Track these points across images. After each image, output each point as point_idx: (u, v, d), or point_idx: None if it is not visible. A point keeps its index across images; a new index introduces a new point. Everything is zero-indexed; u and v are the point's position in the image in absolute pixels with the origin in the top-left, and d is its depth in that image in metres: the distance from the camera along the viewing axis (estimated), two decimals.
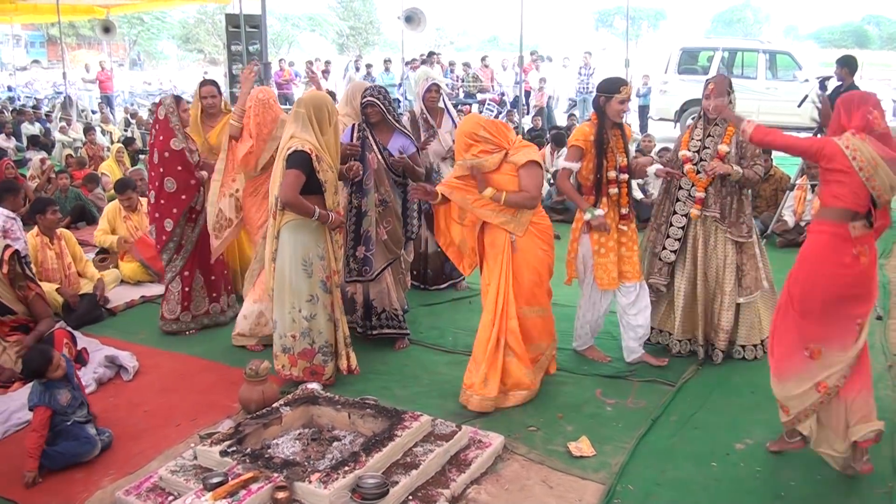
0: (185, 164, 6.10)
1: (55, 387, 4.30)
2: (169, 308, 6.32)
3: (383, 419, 4.25)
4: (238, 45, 16.33)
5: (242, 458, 3.83)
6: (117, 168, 11.47)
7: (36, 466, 4.18)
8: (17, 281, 5.56)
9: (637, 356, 5.45)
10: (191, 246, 6.23)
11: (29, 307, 5.64)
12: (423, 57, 21.71)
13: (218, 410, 4.92)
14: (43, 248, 6.87)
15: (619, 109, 5.12)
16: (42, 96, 27.68)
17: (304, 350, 5.03)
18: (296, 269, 4.94)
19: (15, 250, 5.60)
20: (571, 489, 3.98)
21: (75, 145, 14.46)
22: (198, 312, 6.37)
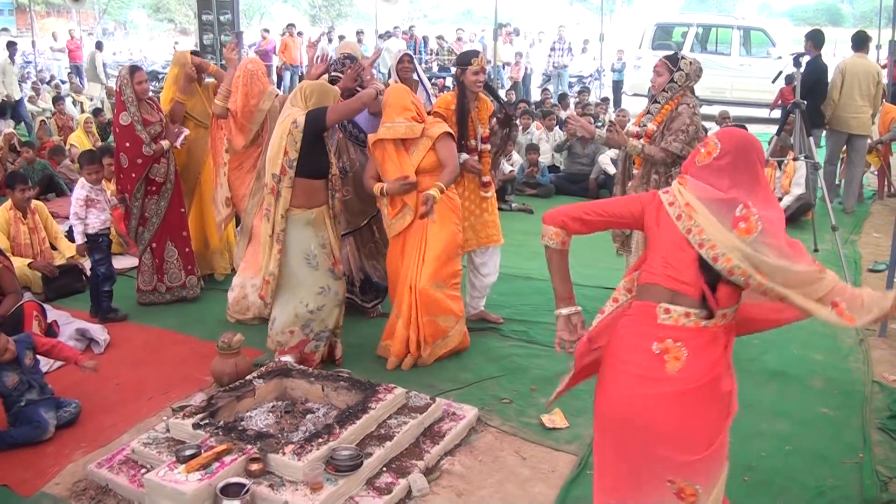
0: (134, 139, 5.95)
1: (1, 369, 4.25)
2: (144, 280, 6.28)
3: (357, 392, 4.25)
4: (209, 14, 16.13)
5: (215, 430, 3.82)
6: (86, 139, 11.26)
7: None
8: None
9: (477, 312, 5.75)
10: (157, 219, 6.15)
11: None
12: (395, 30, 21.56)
13: (190, 383, 4.89)
14: (16, 223, 6.74)
15: (473, 80, 5.26)
16: None
17: (300, 342, 4.92)
18: (300, 264, 4.82)
19: None
20: (544, 460, 4.01)
21: (45, 115, 14.18)
22: (173, 284, 6.31)
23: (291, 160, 4.66)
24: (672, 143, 4.91)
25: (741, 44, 16.96)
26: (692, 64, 4.96)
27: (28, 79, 20.58)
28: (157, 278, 6.26)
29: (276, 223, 4.75)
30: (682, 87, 4.95)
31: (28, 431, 4.25)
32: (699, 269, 2.60)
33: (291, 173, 4.68)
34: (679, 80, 4.94)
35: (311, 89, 4.81)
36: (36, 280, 6.53)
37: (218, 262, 6.85)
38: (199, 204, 6.69)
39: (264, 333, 5.38)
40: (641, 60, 17.51)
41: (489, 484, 3.80)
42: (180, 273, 6.31)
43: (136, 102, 5.97)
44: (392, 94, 5.02)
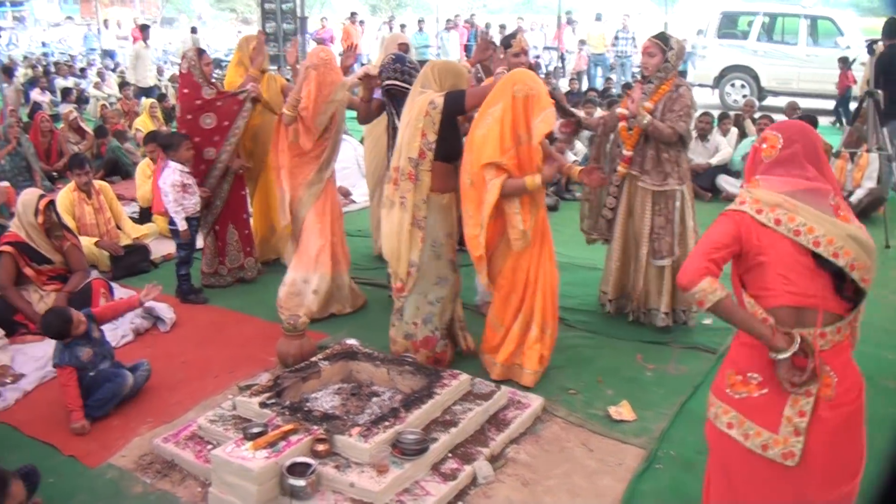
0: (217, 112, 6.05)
1: (76, 344, 4.33)
2: (206, 261, 6.36)
3: (422, 376, 4.22)
4: (272, 2, 16.23)
5: (282, 410, 3.82)
6: (151, 123, 11.43)
7: (82, 416, 4.22)
8: (52, 231, 5.60)
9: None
10: (220, 202, 6.22)
11: (65, 257, 5.68)
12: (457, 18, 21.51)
13: (255, 363, 4.93)
14: (80, 204, 6.87)
15: (515, 62, 5.16)
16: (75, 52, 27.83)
17: (427, 338, 4.73)
18: (427, 252, 4.61)
19: (50, 200, 5.64)
20: (612, 453, 3.93)
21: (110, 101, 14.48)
22: (233, 265, 6.38)
23: (430, 143, 4.46)
24: (679, 123, 4.98)
25: (808, 33, 16.48)
26: (679, 43, 5.10)
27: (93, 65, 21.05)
28: (219, 261, 6.33)
29: (416, 209, 4.53)
30: (674, 66, 5.06)
31: (110, 387, 4.34)
32: (821, 275, 2.42)
33: (430, 156, 4.47)
34: (672, 60, 5.04)
35: (445, 70, 4.64)
36: (103, 259, 6.66)
37: (284, 247, 6.81)
38: (265, 188, 6.71)
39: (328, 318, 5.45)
40: (707, 50, 17.15)
41: (555, 474, 3.74)
42: (239, 255, 6.39)
43: (206, 82, 6.06)
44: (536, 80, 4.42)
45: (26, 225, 5.52)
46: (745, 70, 16.57)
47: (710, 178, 9.46)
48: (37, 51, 29.18)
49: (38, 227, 5.51)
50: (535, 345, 4.57)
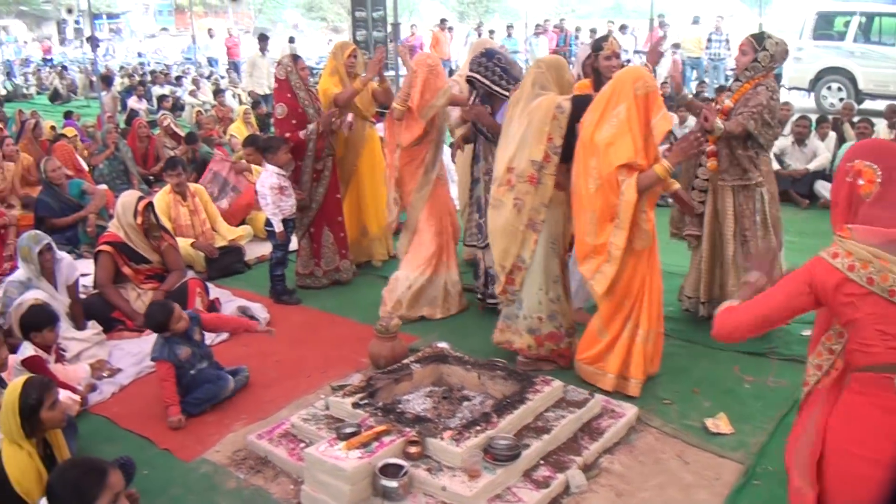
0: (302, 124, 6.16)
1: (175, 342, 4.45)
2: (302, 263, 6.47)
3: (514, 382, 4.19)
4: (362, 10, 16.46)
5: (375, 411, 3.85)
6: (245, 129, 11.72)
7: (179, 411, 4.34)
8: (151, 231, 5.81)
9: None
10: (316, 205, 6.31)
11: (162, 257, 5.89)
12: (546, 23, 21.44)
13: (347, 364, 4.99)
14: (175, 205, 7.11)
15: (606, 65, 5.11)
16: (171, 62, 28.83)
17: (552, 333, 4.74)
18: (546, 249, 4.64)
19: (149, 202, 5.84)
20: (708, 466, 3.82)
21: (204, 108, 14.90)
22: (328, 268, 6.47)
23: (556, 147, 4.45)
24: (748, 118, 4.87)
25: None
26: (778, 45, 4.95)
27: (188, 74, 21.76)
28: (315, 262, 6.43)
29: (535, 212, 4.54)
30: (764, 67, 4.96)
31: (211, 388, 4.47)
32: None
33: (556, 160, 4.46)
34: (762, 61, 4.94)
35: (556, 66, 4.71)
36: (199, 259, 6.85)
37: (376, 249, 6.96)
38: (356, 192, 6.80)
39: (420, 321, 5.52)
40: (802, 52, 16.58)
41: (650, 486, 3.66)
42: (335, 257, 6.46)
43: (304, 88, 6.16)
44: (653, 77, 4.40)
45: (125, 226, 5.73)
46: (842, 72, 15.98)
47: (807, 184, 9.14)
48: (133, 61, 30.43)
49: (136, 227, 5.71)
50: (641, 353, 4.49)
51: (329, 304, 6.10)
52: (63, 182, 7.71)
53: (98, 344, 5.27)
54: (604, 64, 5.15)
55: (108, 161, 9.82)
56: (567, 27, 22.95)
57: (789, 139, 9.44)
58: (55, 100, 21.97)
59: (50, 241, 5.35)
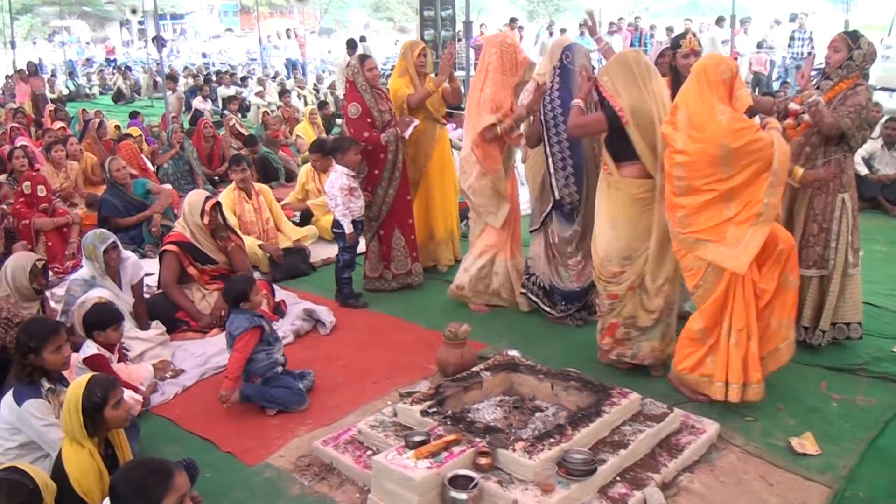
0: (367, 127, 6.15)
1: (256, 317, 4.54)
2: (371, 266, 6.48)
3: (589, 393, 4.12)
4: (431, 9, 16.50)
5: (444, 419, 3.82)
6: (311, 130, 11.89)
7: (233, 389, 4.44)
8: (217, 231, 5.89)
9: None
10: (386, 207, 6.30)
11: (229, 257, 5.97)
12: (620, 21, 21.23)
13: (415, 370, 4.98)
14: (240, 202, 7.23)
15: (685, 64, 5.05)
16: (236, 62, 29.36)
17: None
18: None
19: (216, 202, 5.90)
20: (794, 489, 3.69)
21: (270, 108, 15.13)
22: (399, 271, 6.47)
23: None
24: (844, 117, 4.76)
25: None
26: (870, 45, 4.90)
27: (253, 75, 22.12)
28: (384, 265, 6.44)
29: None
30: (858, 66, 4.89)
31: (289, 396, 4.52)
32: None
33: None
34: (856, 59, 4.87)
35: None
36: (264, 260, 6.93)
37: (442, 253, 6.94)
38: (425, 194, 6.79)
39: (490, 325, 5.56)
40: (890, 50, 16.03)
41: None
42: (406, 260, 6.46)
43: (370, 90, 6.17)
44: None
45: (192, 225, 5.81)
46: None
47: None
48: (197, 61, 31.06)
49: (203, 227, 5.79)
50: (757, 354, 4.36)
51: (396, 308, 6.11)
52: (128, 181, 7.87)
53: (161, 344, 5.34)
54: (682, 62, 5.11)
55: (174, 161, 10.05)
56: (642, 25, 22.67)
57: (878, 142, 9.12)
58: (118, 100, 22.61)
59: (115, 240, 5.43)
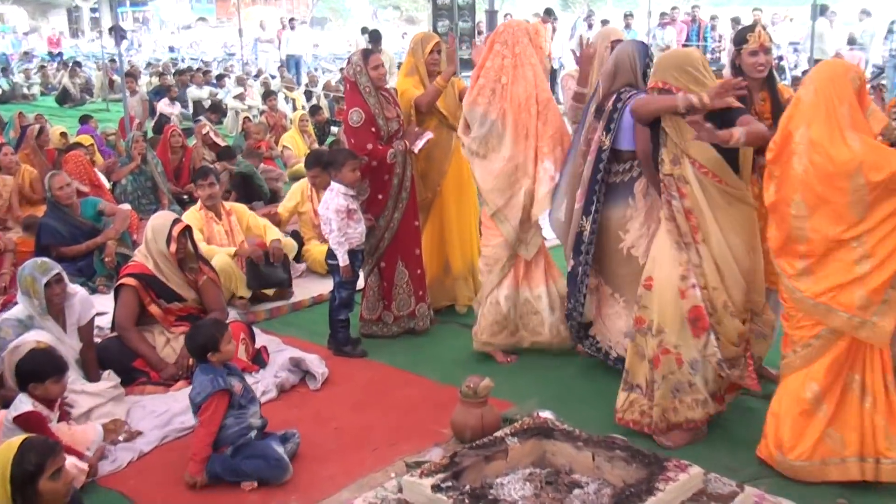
0: (371, 138, 6.16)
1: (221, 374, 4.51)
2: (368, 306, 6.45)
3: (639, 466, 4.08)
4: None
5: (460, 496, 3.79)
6: (301, 140, 11.97)
7: (201, 471, 4.42)
8: (187, 262, 5.90)
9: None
10: (389, 234, 6.31)
11: (199, 294, 5.97)
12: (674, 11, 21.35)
13: (424, 435, 4.97)
14: (208, 224, 7.26)
15: (752, 63, 5.01)
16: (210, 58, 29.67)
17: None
18: None
19: (186, 226, 5.92)
20: None
21: (252, 114, 15.24)
22: (401, 313, 6.45)
23: None
24: None
25: None
26: None
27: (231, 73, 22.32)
28: (384, 305, 6.43)
29: None
30: None
31: (265, 468, 4.49)
32: None
33: None
34: None
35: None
36: (241, 282, 6.98)
37: (460, 291, 6.91)
38: (439, 219, 6.80)
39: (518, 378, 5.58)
40: None
41: None
42: (409, 299, 6.45)
43: (375, 93, 6.19)
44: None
45: (156, 254, 5.82)
46: None
47: None
48: (163, 56, 31.42)
49: (169, 257, 5.80)
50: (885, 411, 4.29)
51: (401, 358, 6.11)
52: (74, 201, 7.88)
53: (114, 400, 5.32)
54: (748, 61, 5.02)
55: (133, 176, 10.10)
56: (700, 16, 22.78)
57: None
58: (64, 102, 22.76)
59: (61, 272, 5.42)
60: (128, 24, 41.73)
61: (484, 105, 5.77)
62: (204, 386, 4.48)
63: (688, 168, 4.62)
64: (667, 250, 4.74)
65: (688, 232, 4.65)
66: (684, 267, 4.66)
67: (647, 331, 4.78)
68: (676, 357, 4.70)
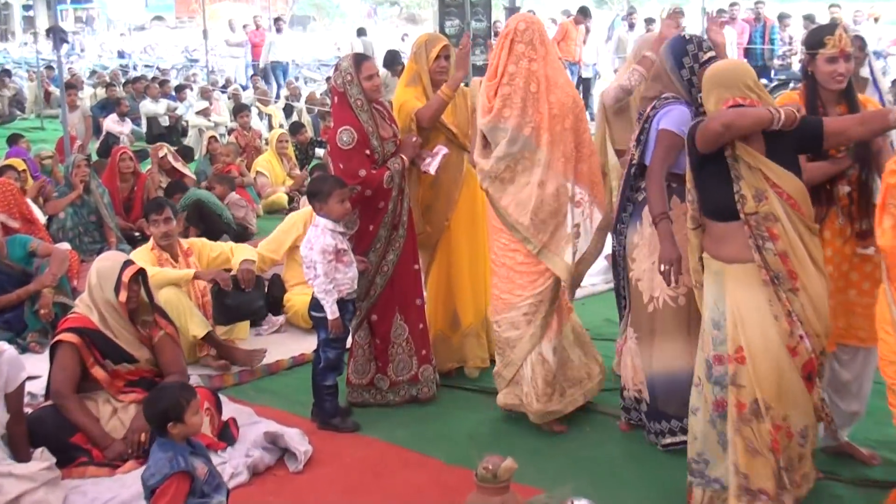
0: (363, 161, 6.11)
1: (183, 452, 4.47)
2: (356, 368, 6.42)
3: None
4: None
5: None
6: (279, 164, 12.00)
7: None
8: (140, 314, 5.89)
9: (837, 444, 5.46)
10: (382, 280, 6.30)
11: (154, 353, 5.94)
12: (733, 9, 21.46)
13: None
14: (162, 266, 7.18)
15: (828, 72, 5.00)
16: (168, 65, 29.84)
17: None
18: None
19: (139, 270, 5.88)
20: None
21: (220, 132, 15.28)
22: (399, 377, 6.41)
23: None
24: None
25: None
26: None
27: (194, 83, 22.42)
28: (377, 367, 6.39)
29: None
30: None
31: None
32: None
33: None
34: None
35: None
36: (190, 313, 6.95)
37: (472, 350, 6.88)
38: (446, 261, 6.79)
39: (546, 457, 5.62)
40: None
41: None
42: (411, 361, 6.40)
43: (368, 107, 6.16)
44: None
45: (101, 304, 5.79)
46: None
47: None
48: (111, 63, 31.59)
49: (119, 307, 5.76)
50: None
51: (401, 432, 6.09)
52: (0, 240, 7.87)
53: (48, 484, 5.25)
54: (825, 69, 5.00)
55: (74, 208, 10.12)
56: (765, 14, 22.87)
57: None
58: None
59: None
60: (68, 24, 41.93)
61: (515, 119, 5.70)
62: (161, 466, 4.43)
63: (776, 203, 4.54)
64: (755, 305, 4.64)
65: (785, 278, 4.59)
66: (787, 319, 4.59)
67: (753, 416, 4.66)
68: (787, 431, 4.65)
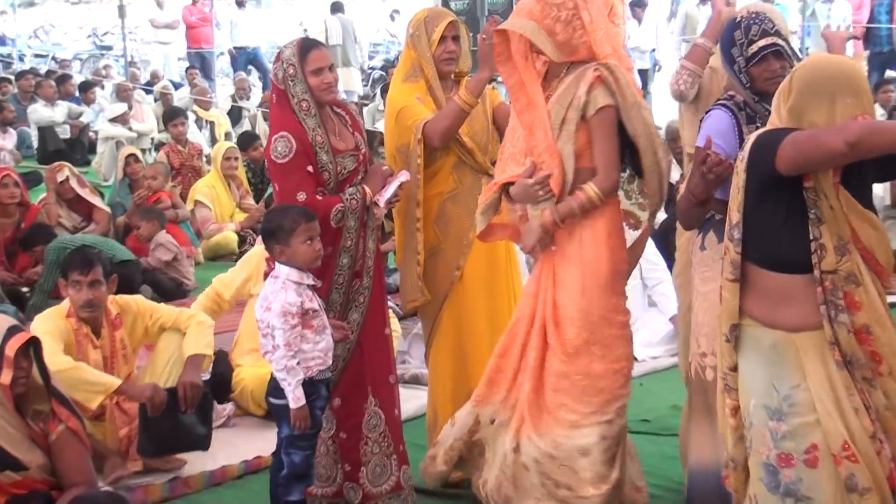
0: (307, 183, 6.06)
1: None
2: (320, 471, 6.35)
3: None
4: None
5: None
6: (225, 191, 12.05)
7: None
8: (30, 402, 5.89)
9: None
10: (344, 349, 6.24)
11: (51, 456, 5.96)
12: None
13: None
14: (80, 343, 7.13)
15: None
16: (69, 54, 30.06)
17: None
18: None
19: (29, 340, 5.90)
20: None
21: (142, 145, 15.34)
22: (376, 485, 6.36)
23: None
24: None
25: None
26: None
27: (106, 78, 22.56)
28: (342, 471, 6.36)
29: None
30: None
31: None
32: None
33: None
34: None
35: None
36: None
37: None
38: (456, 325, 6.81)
39: None
40: None
41: None
42: (389, 462, 6.38)
43: (316, 111, 6.17)
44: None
45: None
46: None
47: None
48: None
49: (2, 394, 5.80)
50: None
51: None
52: None
53: None
54: None
55: None
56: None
57: None
58: None
59: None
60: None
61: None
62: None
63: (859, 259, 4.61)
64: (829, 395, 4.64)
65: (866, 363, 4.63)
66: (868, 418, 4.61)
67: None
68: None
